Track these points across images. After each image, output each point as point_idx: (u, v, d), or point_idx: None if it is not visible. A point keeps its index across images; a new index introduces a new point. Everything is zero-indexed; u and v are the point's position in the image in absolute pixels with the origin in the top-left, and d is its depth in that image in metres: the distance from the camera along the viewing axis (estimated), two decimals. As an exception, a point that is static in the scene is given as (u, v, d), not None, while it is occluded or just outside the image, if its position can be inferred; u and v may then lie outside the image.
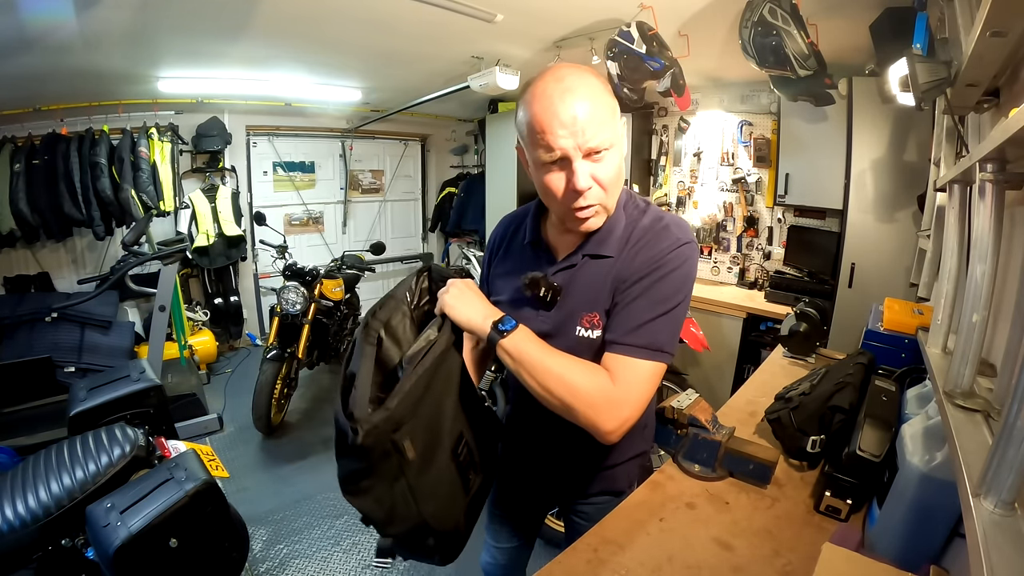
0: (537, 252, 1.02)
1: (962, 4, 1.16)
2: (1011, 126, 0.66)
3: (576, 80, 0.81)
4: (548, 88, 0.81)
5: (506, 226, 1.12)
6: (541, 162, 0.84)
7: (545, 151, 0.81)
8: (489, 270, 1.13)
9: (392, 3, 2.29)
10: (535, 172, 0.88)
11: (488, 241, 1.14)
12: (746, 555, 1.04)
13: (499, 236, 1.12)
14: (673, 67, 2.45)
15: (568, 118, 0.79)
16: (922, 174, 2.54)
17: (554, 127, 0.79)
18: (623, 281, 0.90)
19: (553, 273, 0.97)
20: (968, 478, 0.67)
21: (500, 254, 1.10)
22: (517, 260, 1.05)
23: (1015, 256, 1.06)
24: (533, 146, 0.83)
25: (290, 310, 3.14)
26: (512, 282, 1.01)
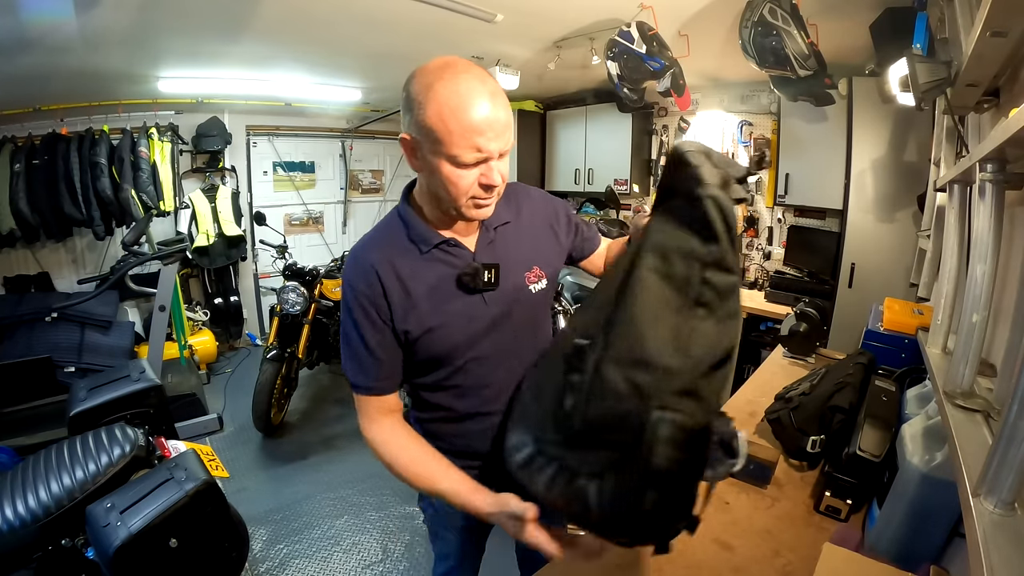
0: (448, 251, 0.95)
1: (962, 4, 1.16)
2: (1011, 126, 0.66)
3: (493, 82, 0.84)
4: (471, 87, 0.80)
5: (374, 254, 0.93)
6: (459, 161, 0.82)
7: (471, 152, 0.81)
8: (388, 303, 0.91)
9: (392, 3, 2.29)
10: (434, 168, 0.83)
11: (357, 283, 0.92)
12: (746, 555, 1.04)
13: (375, 266, 0.91)
14: (673, 67, 2.45)
15: (497, 122, 0.81)
16: (922, 174, 2.54)
17: (484, 130, 0.80)
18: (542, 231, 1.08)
19: (480, 254, 0.98)
20: (968, 478, 0.67)
21: (390, 283, 0.91)
22: (425, 272, 0.93)
23: (1015, 256, 1.06)
24: (453, 145, 0.80)
25: (290, 310, 3.14)
26: (439, 297, 0.94)
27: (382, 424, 0.97)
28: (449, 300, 0.94)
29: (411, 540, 2.31)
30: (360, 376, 0.95)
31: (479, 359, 0.98)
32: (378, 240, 0.97)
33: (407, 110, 0.83)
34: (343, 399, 3.72)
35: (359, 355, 0.94)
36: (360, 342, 0.93)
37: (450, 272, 0.94)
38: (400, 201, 0.99)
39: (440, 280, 0.94)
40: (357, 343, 0.94)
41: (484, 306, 0.97)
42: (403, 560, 2.19)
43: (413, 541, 2.30)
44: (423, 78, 0.81)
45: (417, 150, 0.85)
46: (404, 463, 0.93)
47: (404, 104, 0.84)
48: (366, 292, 0.92)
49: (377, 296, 0.91)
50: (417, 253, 0.94)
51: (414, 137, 0.84)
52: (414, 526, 2.40)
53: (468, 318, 0.95)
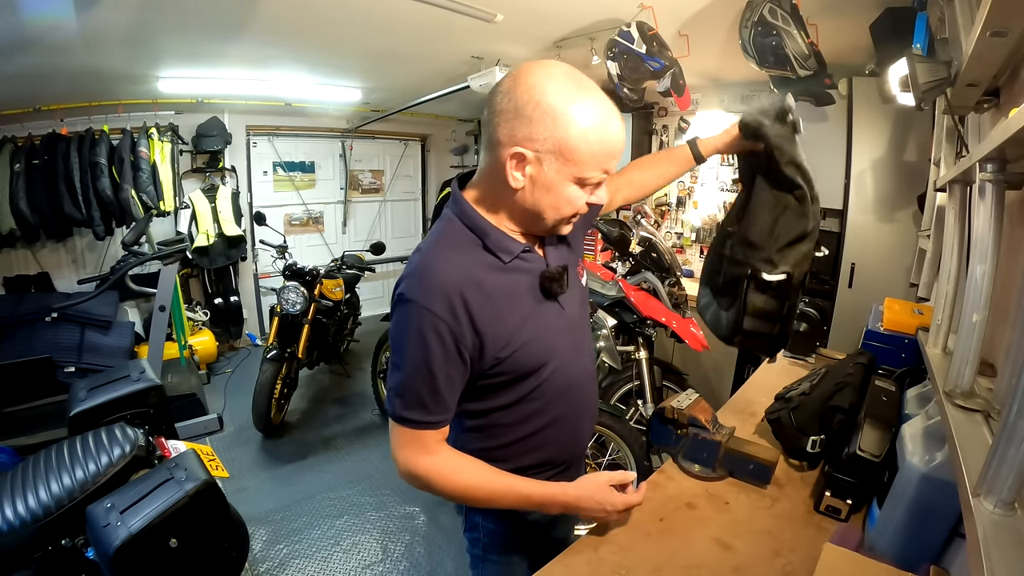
0: (525, 258, 0.91)
1: (962, 4, 1.16)
2: (1011, 126, 0.66)
3: (613, 104, 0.82)
4: (611, 111, 0.80)
5: (454, 271, 0.83)
6: (586, 182, 0.81)
7: (599, 174, 0.81)
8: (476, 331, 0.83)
9: (392, 3, 2.29)
10: (554, 184, 0.80)
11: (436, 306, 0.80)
12: (746, 555, 1.04)
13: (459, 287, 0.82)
14: (673, 67, 2.45)
15: (620, 145, 0.82)
16: (922, 174, 2.54)
17: (613, 154, 0.81)
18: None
19: (552, 259, 0.96)
20: (968, 478, 0.67)
21: (478, 304, 0.83)
22: (508, 284, 0.88)
23: (1015, 256, 1.06)
24: (576, 165, 0.78)
25: (290, 310, 3.14)
26: (524, 308, 0.89)
27: (441, 454, 0.89)
28: (533, 310, 0.90)
29: (411, 540, 2.31)
30: (419, 411, 0.84)
31: (561, 364, 0.95)
32: (453, 253, 0.85)
33: (528, 122, 0.76)
34: (343, 399, 3.72)
35: (422, 388, 0.83)
36: (428, 375, 0.82)
37: (527, 280, 0.90)
38: (459, 207, 0.88)
39: (521, 290, 0.89)
40: (424, 376, 0.82)
41: (561, 310, 0.95)
42: (403, 560, 2.19)
43: (413, 541, 2.30)
44: (557, 88, 0.76)
45: (533, 166, 0.79)
46: (481, 482, 0.89)
47: (520, 114, 0.76)
48: (448, 321, 0.80)
49: (462, 325, 0.81)
50: (499, 264, 0.87)
51: (536, 152, 0.77)
52: (414, 526, 2.40)
53: (550, 325, 0.92)
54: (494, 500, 0.92)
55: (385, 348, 3.31)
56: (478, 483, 0.90)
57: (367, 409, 3.52)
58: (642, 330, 2.48)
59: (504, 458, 0.96)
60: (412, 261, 0.86)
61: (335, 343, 3.75)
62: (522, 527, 1.09)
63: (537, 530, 1.12)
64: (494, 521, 1.08)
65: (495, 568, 1.15)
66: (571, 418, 1.01)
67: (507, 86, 0.79)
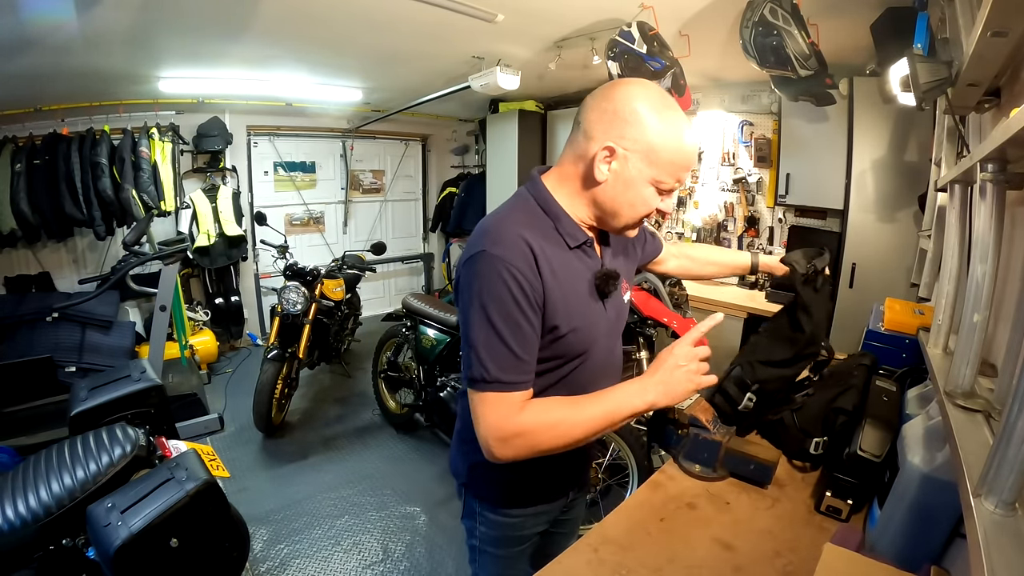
0: (587, 251, 0.96)
1: (963, 4, 1.16)
2: (1012, 126, 0.66)
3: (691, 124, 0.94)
4: (686, 128, 0.88)
5: (529, 235, 0.88)
6: (653, 181, 0.88)
7: (672, 181, 0.89)
8: (544, 290, 0.87)
9: (392, 3, 2.29)
10: (634, 182, 0.88)
11: (515, 260, 0.84)
12: (747, 555, 1.04)
13: (532, 248, 0.87)
14: (674, 67, 2.45)
15: (693, 160, 0.94)
16: (923, 174, 2.54)
17: (687, 165, 0.90)
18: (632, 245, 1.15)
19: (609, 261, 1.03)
20: (969, 478, 0.67)
21: (546, 270, 0.87)
22: (570, 268, 0.92)
23: (1016, 256, 1.06)
24: (657, 167, 0.87)
25: (291, 310, 3.14)
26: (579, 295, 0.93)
27: (529, 406, 0.87)
28: (586, 300, 0.95)
29: (412, 540, 2.31)
30: (512, 371, 0.84)
31: (592, 363, 0.98)
32: (524, 222, 0.90)
33: (623, 123, 0.85)
34: (343, 399, 3.72)
35: (511, 340, 0.84)
36: (516, 326, 0.84)
37: (585, 273, 0.95)
38: (536, 188, 0.95)
39: (581, 280, 0.94)
40: (512, 327, 0.84)
41: (604, 312, 0.99)
42: (404, 560, 2.19)
43: (414, 541, 2.30)
44: (652, 100, 0.86)
45: (620, 162, 0.87)
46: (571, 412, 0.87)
47: (617, 115, 0.86)
48: (526, 272, 0.84)
49: (536, 280, 0.85)
50: (565, 247, 0.92)
51: (625, 150, 0.86)
52: (414, 526, 2.40)
53: (596, 323, 0.97)
54: (592, 423, 0.87)
55: (386, 348, 3.31)
56: (570, 414, 0.86)
57: (368, 409, 3.52)
58: (643, 330, 2.48)
59: None
60: (484, 225, 0.91)
61: (336, 343, 3.75)
62: (520, 518, 1.10)
63: (536, 523, 1.13)
64: (492, 510, 1.09)
65: (493, 560, 1.16)
66: None
67: (609, 91, 0.89)
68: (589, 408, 0.86)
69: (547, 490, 1.11)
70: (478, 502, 1.10)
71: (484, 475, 1.07)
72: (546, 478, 1.08)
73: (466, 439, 1.05)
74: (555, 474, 1.09)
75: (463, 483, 1.12)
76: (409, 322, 2.99)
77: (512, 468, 0.95)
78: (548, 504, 1.13)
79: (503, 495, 1.08)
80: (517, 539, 1.13)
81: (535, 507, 1.10)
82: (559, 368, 0.95)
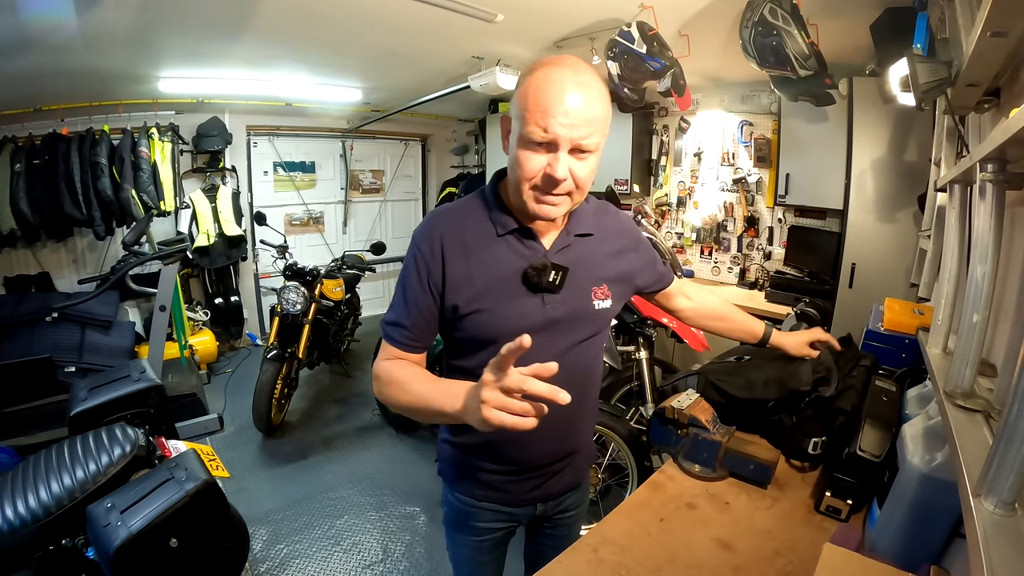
0: (521, 240, 0.96)
1: (962, 4, 1.16)
2: (1011, 126, 0.66)
3: (590, 78, 0.85)
4: (563, 75, 0.83)
5: (448, 223, 0.97)
6: (528, 139, 0.83)
7: (539, 130, 0.82)
8: (443, 273, 0.94)
9: (392, 3, 2.29)
10: (516, 146, 0.86)
11: (422, 244, 0.95)
12: (746, 555, 1.04)
13: (443, 235, 0.94)
14: (673, 67, 2.45)
15: (572, 108, 0.81)
16: (922, 174, 2.53)
17: (556, 111, 0.81)
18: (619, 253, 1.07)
19: (553, 255, 0.97)
20: (968, 478, 0.67)
21: (453, 254, 0.94)
22: (493, 254, 0.94)
23: (1015, 256, 1.06)
24: (526, 122, 0.83)
25: (290, 310, 3.14)
26: (499, 282, 0.94)
27: (396, 362, 0.97)
28: (508, 288, 0.94)
29: (411, 540, 2.31)
30: (394, 328, 0.98)
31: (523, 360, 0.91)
32: (456, 212, 0.99)
33: (516, 89, 0.88)
34: (343, 399, 3.72)
35: (398, 307, 0.98)
36: (403, 296, 0.97)
37: (519, 263, 0.95)
38: (488, 183, 1.01)
39: (505, 266, 0.94)
40: (400, 297, 0.97)
41: (541, 307, 0.95)
42: (403, 560, 2.19)
43: (413, 541, 2.30)
44: (532, 66, 0.86)
45: (505, 125, 0.91)
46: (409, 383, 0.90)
47: (517, 85, 0.89)
48: (425, 255, 0.94)
49: (435, 263, 0.94)
50: (493, 234, 0.95)
51: (506, 116, 0.91)
52: (414, 526, 2.40)
53: (521, 313, 0.94)
54: (413, 398, 0.89)
55: (385, 348, 3.31)
56: (405, 381, 0.91)
57: (367, 409, 3.52)
58: (642, 330, 2.48)
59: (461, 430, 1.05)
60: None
61: (335, 343, 3.75)
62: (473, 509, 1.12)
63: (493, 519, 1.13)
64: (448, 489, 1.15)
65: (454, 543, 1.20)
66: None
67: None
68: (420, 386, 0.90)
69: (500, 488, 1.08)
70: (444, 482, 1.17)
71: (443, 455, 1.15)
72: (497, 474, 1.07)
73: None
74: (506, 474, 1.06)
75: (437, 459, 1.19)
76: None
77: (460, 450, 1.09)
78: (506, 507, 1.11)
79: (457, 479, 1.12)
80: (475, 528, 1.14)
81: (490, 504, 1.10)
82: (476, 353, 0.96)
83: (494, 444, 1.03)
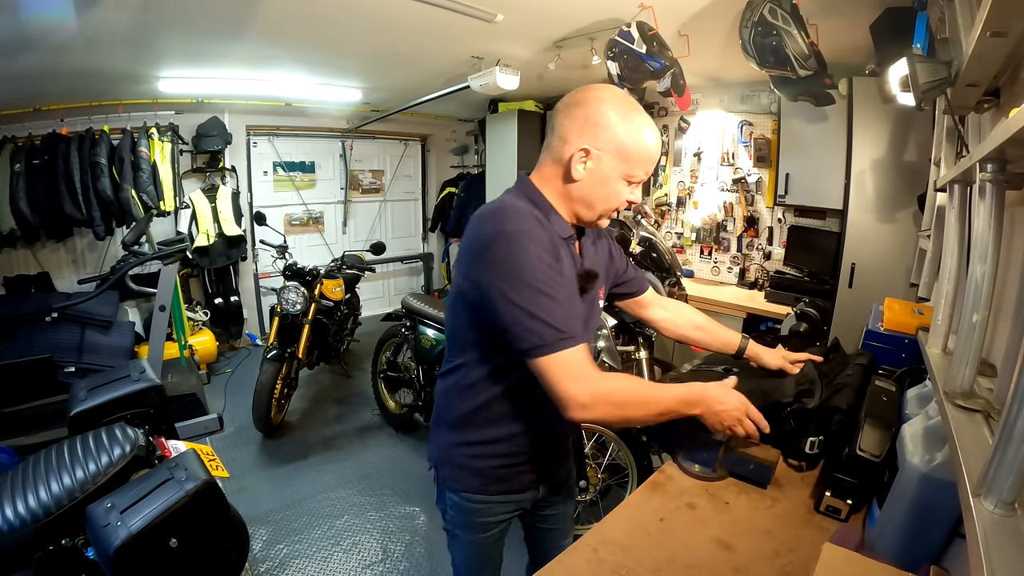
0: (570, 248, 1.02)
1: (962, 4, 1.16)
2: (1011, 126, 0.66)
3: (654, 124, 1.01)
4: (651, 128, 0.98)
5: (536, 224, 0.95)
6: (624, 176, 0.98)
7: (641, 173, 0.99)
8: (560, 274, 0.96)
9: (392, 3, 2.29)
10: (608, 178, 0.97)
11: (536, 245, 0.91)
12: (746, 555, 1.04)
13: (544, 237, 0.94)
14: (673, 67, 2.45)
15: (657, 155, 1.01)
16: (922, 174, 2.54)
17: (653, 160, 1.00)
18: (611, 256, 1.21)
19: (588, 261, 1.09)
20: (968, 478, 0.67)
21: (553, 256, 0.95)
22: (563, 258, 0.98)
23: (1015, 256, 1.06)
24: (632, 165, 0.97)
25: (290, 310, 3.14)
26: (567, 282, 0.98)
27: (610, 376, 0.97)
28: (572, 292, 1.01)
29: (411, 540, 2.31)
30: (567, 323, 0.90)
31: None
32: (528, 213, 0.96)
33: (595, 126, 0.95)
34: (343, 399, 3.72)
35: (556, 311, 0.89)
36: (552, 287, 0.90)
37: (570, 266, 1.01)
38: (527, 187, 1.02)
39: (570, 270, 1.00)
40: (555, 288, 0.90)
41: (582, 306, 1.05)
42: (403, 560, 2.19)
43: (413, 541, 2.30)
44: (618, 105, 0.95)
45: (594, 161, 0.96)
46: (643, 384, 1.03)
47: (589, 120, 0.95)
48: (546, 245, 0.93)
49: (551, 255, 0.93)
50: (558, 238, 0.98)
51: (599, 150, 0.95)
52: (414, 526, 2.40)
53: (577, 315, 1.02)
54: (661, 400, 0.97)
55: (385, 348, 3.31)
56: (642, 384, 1.01)
57: (367, 409, 3.51)
58: (642, 330, 2.48)
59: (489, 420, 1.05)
60: (491, 208, 0.97)
61: (335, 343, 3.75)
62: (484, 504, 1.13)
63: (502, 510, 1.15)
64: (457, 493, 1.13)
65: (463, 544, 1.19)
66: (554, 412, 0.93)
67: (579, 97, 0.98)
68: (657, 388, 0.99)
69: (510, 478, 1.13)
70: (447, 486, 1.15)
71: (450, 459, 1.13)
72: (509, 467, 1.11)
73: (439, 423, 1.14)
74: (519, 463, 1.11)
75: (434, 465, 1.17)
76: (408, 322, 2.99)
77: (475, 454, 1.09)
78: (514, 495, 1.15)
79: (467, 479, 1.12)
80: (483, 524, 1.16)
81: (500, 496, 1.14)
82: None
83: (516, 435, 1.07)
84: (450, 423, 1.10)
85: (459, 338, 1.05)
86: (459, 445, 1.11)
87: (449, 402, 1.09)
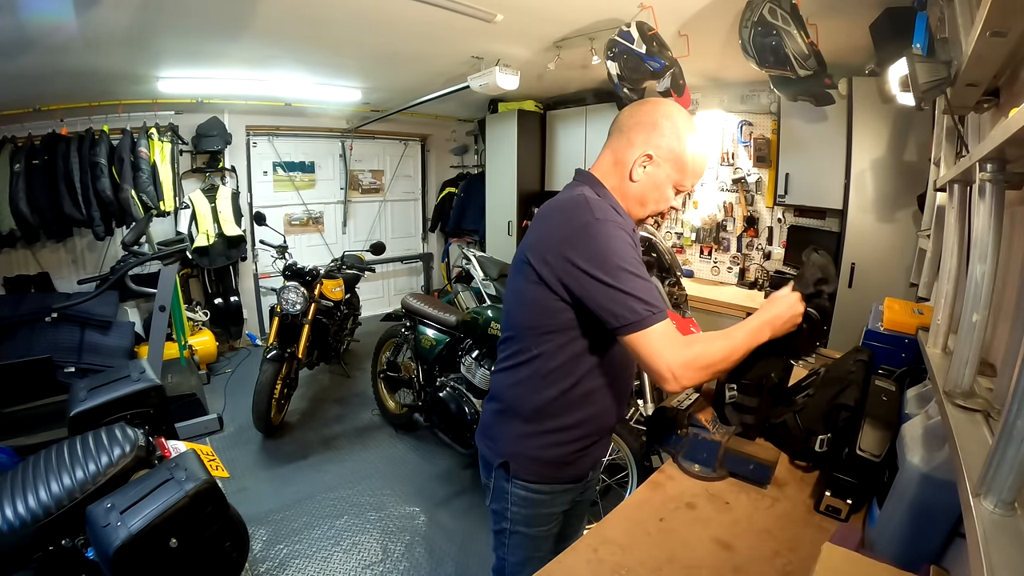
0: (634, 237, 1.08)
1: (962, 4, 1.16)
2: (1011, 126, 0.66)
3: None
4: (705, 145, 1.12)
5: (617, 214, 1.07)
6: (675, 184, 1.11)
7: (688, 183, 1.12)
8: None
9: (392, 3, 2.29)
10: (662, 183, 1.10)
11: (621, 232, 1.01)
12: (746, 555, 1.04)
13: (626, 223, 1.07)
14: (673, 67, 2.45)
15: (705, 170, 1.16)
16: (922, 174, 2.54)
17: (701, 175, 1.15)
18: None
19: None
20: (968, 478, 0.67)
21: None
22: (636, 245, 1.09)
23: (1015, 256, 1.06)
24: (681, 174, 1.09)
25: (290, 310, 3.14)
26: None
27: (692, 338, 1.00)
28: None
29: (411, 540, 2.31)
30: (659, 301, 0.97)
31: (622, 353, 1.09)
32: (607, 207, 1.04)
33: (661, 136, 1.07)
34: (343, 399, 3.72)
35: (645, 286, 0.96)
36: (640, 268, 0.99)
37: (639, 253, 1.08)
38: (593, 184, 1.12)
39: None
40: (639, 269, 0.98)
41: None
42: (403, 560, 2.19)
43: (413, 541, 2.30)
44: (683, 122, 1.09)
45: (654, 166, 1.09)
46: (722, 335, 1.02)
47: (655, 129, 1.07)
48: (627, 228, 1.03)
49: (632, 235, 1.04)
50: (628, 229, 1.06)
51: (661, 158, 1.08)
52: (414, 526, 2.40)
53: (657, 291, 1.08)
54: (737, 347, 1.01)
55: (385, 348, 3.31)
56: (723, 335, 1.02)
57: (367, 409, 3.51)
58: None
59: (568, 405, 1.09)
60: (572, 201, 1.04)
61: (335, 343, 3.75)
62: (551, 495, 1.15)
63: (563, 500, 1.18)
64: (524, 487, 1.13)
65: (523, 540, 1.19)
66: (622, 389, 1.16)
67: (650, 107, 1.11)
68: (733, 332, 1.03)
69: (577, 463, 1.16)
70: (513, 480, 1.14)
71: (524, 451, 1.13)
72: (580, 451, 1.14)
73: (507, 417, 1.14)
74: (587, 447, 1.15)
75: (501, 463, 1.15)
76: (408, 322, 2.99)
77: (553, 442, 1.11)
78: (578, 483, 1.19)
79: (540, 469, 1.13)
80: (547, 516, 1.18)
81: (568, 484, 1.17)
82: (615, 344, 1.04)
83: (589, 419, 1.12)
84: (524, 415, 1.11)
85: (536, 328, 1.07)
86: (534, 435, 1.12)
87: (521, 393, 1.11)
